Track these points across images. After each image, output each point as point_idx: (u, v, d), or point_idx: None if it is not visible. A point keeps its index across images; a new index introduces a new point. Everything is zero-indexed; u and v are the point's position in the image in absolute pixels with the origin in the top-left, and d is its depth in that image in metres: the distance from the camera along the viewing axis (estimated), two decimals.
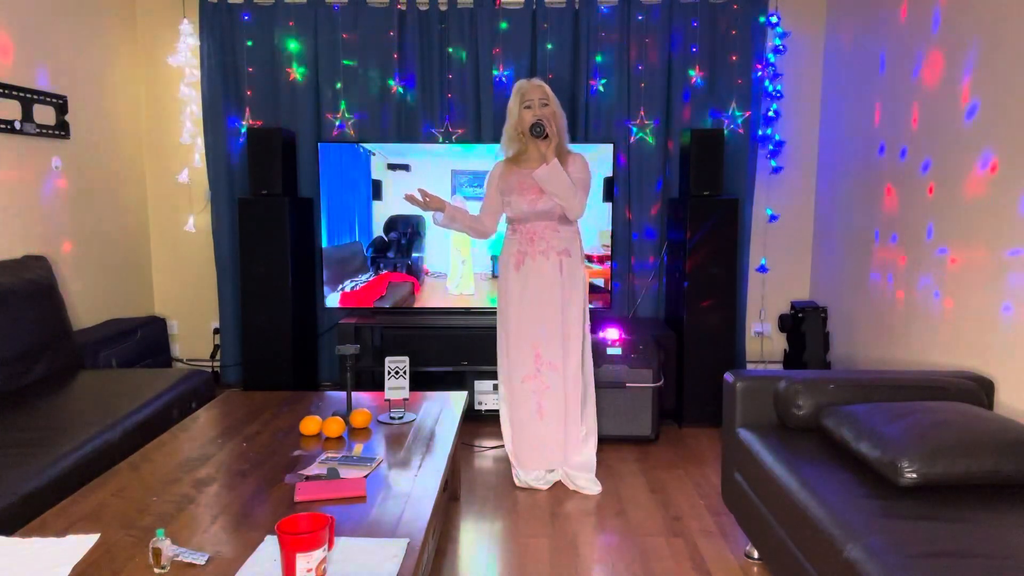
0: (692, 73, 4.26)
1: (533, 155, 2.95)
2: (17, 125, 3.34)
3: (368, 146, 4.02)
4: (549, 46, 4.26)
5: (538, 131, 2.83)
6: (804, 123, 4.38)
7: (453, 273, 4.07)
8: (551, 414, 2.98)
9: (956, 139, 2.86)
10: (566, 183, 2.86)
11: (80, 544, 1.65)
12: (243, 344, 4.11)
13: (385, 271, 4.08)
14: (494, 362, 3.88)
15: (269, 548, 1.64)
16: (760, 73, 4.27)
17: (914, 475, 1.85)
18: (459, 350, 3.94)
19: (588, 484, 3.05)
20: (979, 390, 2.36)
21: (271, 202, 4.01)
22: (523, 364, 2.98)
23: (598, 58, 4.27)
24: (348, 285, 4.08)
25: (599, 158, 3.90)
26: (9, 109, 3.31)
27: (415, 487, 2.01)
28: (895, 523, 1.70)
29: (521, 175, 2.96)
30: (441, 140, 4.31)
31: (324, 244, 4.05)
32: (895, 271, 3.34)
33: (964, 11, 2.83)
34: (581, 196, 2.92)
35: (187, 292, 4.63)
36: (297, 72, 4.31)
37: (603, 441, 3.56)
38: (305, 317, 4.26)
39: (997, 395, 2.52)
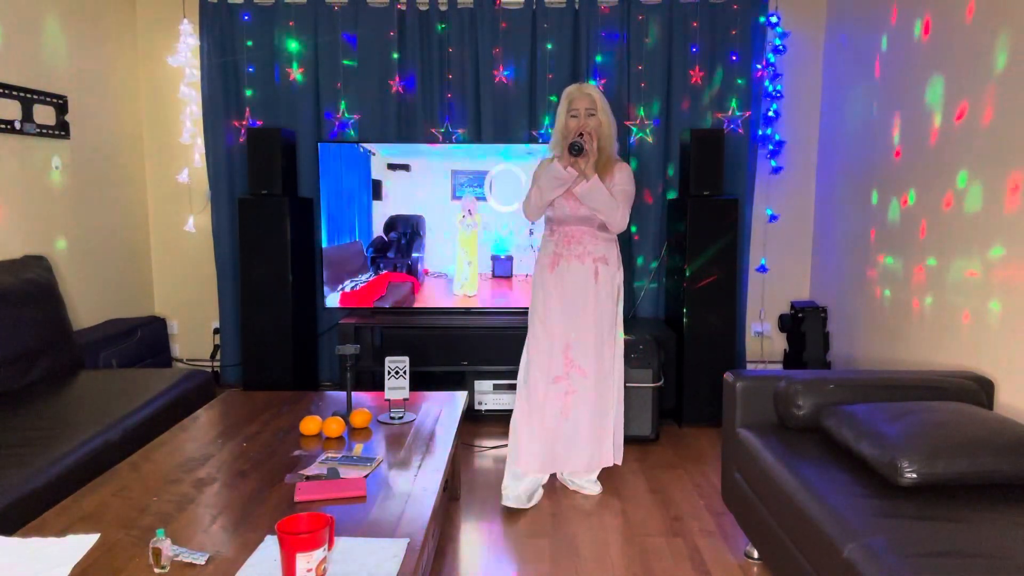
0: (692, 73, 4.26)
1: (582, 165, 2.86)
2: (17, 125, 3.34)
3: (368, 146, 4.02)
4: (549, 46, 4.26)
5: (575, 151, 2.74)
6: (804, 123, 4.38)
7: (459, 274, 4.07)
8: (577, 418, 2.95)
9: (956, 139, 2.86)
10: (606, 198, 2.84)
11: (80, 544, 1.65)
12: (243, 344, 4.11)
13: (385, 271, 4.08)
14: (494, 362, 3.91)
15: (269, 548, 1.64)
16: (760, 73, 4.27)
17: (914, 475, 1.85)
18: (459, 350, 3.94)
19: (589, 484, 3.04)
20: (979, 390, 2.36)
21: (271, 202, 4.01)
22: (554, 365, 2.95)
23: (598, 58, 4.27)
24: (348, 285, 4.08)
25: None
26: (9, 109, 3.31)
27: (415, 487, 2.01)
28: (895, 523, 1.70)
29: None
30: (441, 140, 4.31)
31: (324, 244, 4.06)
32: (895, 271, 3.34)
33: (964, 9, 2.83)
34: (623, 209, 2.90)
35: (187, 292, 4.63)
36: (297, 72, 4.31)
37: None
38: (305, 317, 4.26)
39: (997, 395, 2.52)
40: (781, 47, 4.26)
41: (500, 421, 3.87)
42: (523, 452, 2.95)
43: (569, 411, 2.95)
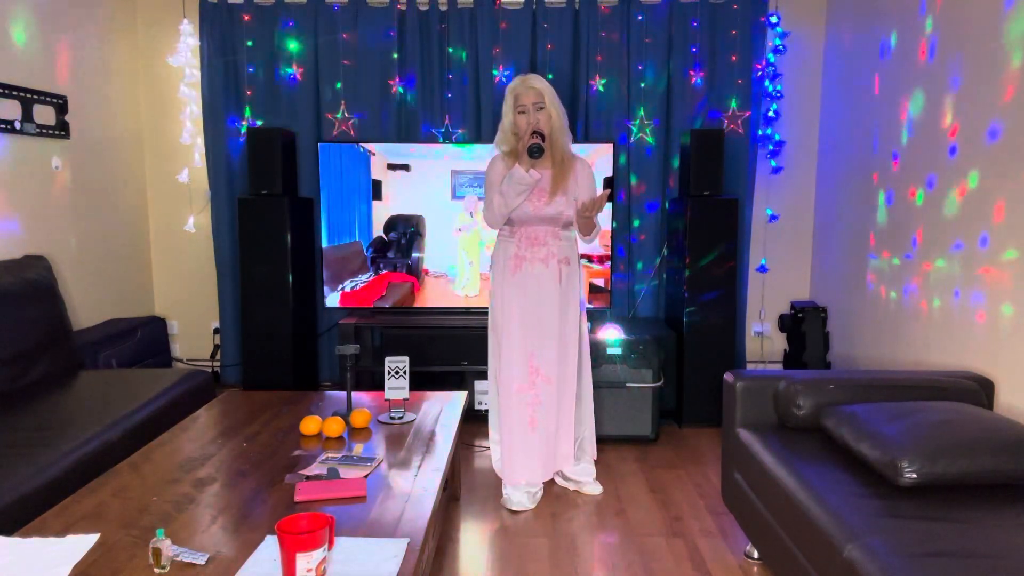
0: (692, 73, 4.26)
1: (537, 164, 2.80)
2: (17, 125, 3.34)
3: (368, 146, 4.02)
4: (549, 46, 4.26)
5: (536, 154, 2.67)
6: (804, 123, 4.38)
7: (460, 275, 4.07)
8: (542, 427, 2.87)
9: (956, 139, 2.86)
10: (597, 226, 2.85)
11: (80, 544, 1.65)
12: (243, 344, 4.11)
13: (385, 271, 4.08)
14: None
15: (269, 548, 1.64)
16: (760, 73, 4.27)
17: (914, 475, 1.85)
18: (459, 350, 3.93)
19: (588, 484, 3.04)
20: (979, 390, 2.36)
21: (271, 202, 4.01)
22: (518, 374, 2.86)
23: (598, 58, 4.27)
24: (348, 285, 4.08)
25: (599, 158, 3.91)
26: (9, 109, 3.31)
27: (415, 487, 2.01)
28: (895, 523, 1.70)
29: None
30: (441, 140, 4.31)
31: (324, 244, 4.05)
32: (895, 271, 3.34)
33: (964, 12, 2.83)
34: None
35: (187, 292, 4.63)
36: (297, 72, 4.31)
37: (603, 441, 3.57)
38: (305, 317, 4.26)
39: (997, 395, 2.52)
40: (781, 47, 4.26)
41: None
42: (506, 466, 2.92)
43: (536, 422, 2.88)
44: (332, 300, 4.09)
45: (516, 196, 2.77)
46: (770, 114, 4.31)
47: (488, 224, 2.92)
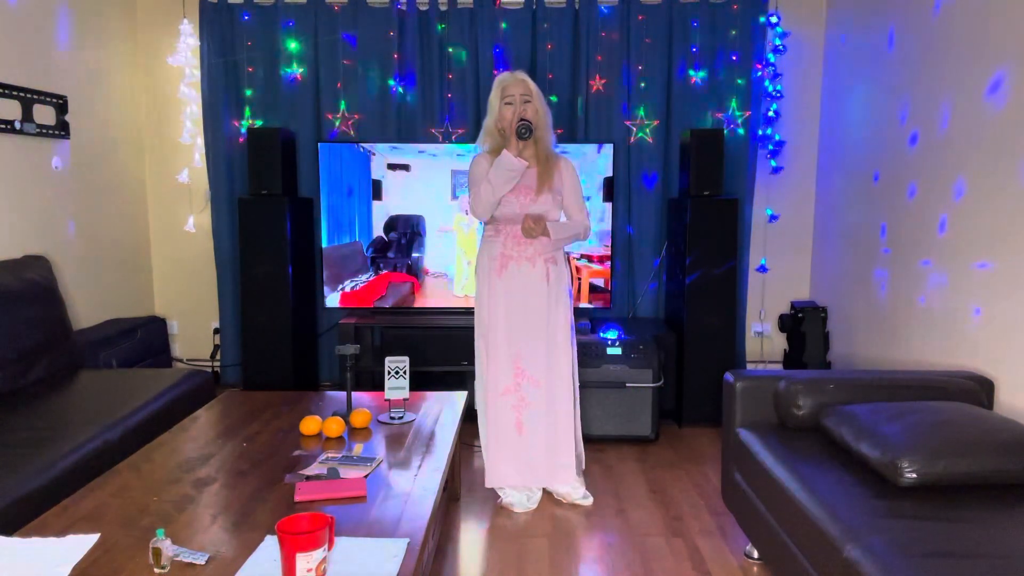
0: (692, 73, 4.26)
1: (524, 153, 2.77)
2: (17, 125, 3.34)
3: (368, 146, 4.02)
4: (549, 46, 4.26)
5: (525, 134, 2.67)
6: (804, 123, 4.38)
7: (458, 275, 4.07)
8: (530, 431, 2.83)
9: (956, 139, 2.86)
10: (571, 232, 2.83)
11: (80, 544, 1.65)
12: (243, 344, 4.11)
13: (385, 271, 4.08)
14: None
15: (269, 548, 1.64)
16: (760, 73, 4.27)
17: (914, 475, 1.85)
18: (459, 350, 3.93)
19: (580, 498, 2.93)
20: (979, 390, 2.36)
21: (271, 202, 4.01)
22: (503, 376, 2.82)
23: (598, 58, 4.26)
24: (348, 285, 4.08)
25: (599, 158, 3.91)
26: (9, 109, 3.31)
27: (415, 487, 2.01)
28: (895, 523, 1.70)
29: None
30: (441, 140, 4.31)
31: (324, 244, 4.05)
32: (895, 271, 3.34)
33: (963, 11, 2.83)
34: (586, 218, 2.88)
35: (187, 292, 4.63)
36: (297, 72, 4.31)
37: (603, 441, 3.57)
38: (305, 317, 4.26)
39: (997, 395, 2.52)
40: (781, 47, 4.26)
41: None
42: (492, 469, 2.88)
43: (523, 426, 2.84)
44: (332, 300, 4.09)
45: (505, 183, 2.73)
46: (770, 114, 4.31)
47: (475, 215, 2.86)
